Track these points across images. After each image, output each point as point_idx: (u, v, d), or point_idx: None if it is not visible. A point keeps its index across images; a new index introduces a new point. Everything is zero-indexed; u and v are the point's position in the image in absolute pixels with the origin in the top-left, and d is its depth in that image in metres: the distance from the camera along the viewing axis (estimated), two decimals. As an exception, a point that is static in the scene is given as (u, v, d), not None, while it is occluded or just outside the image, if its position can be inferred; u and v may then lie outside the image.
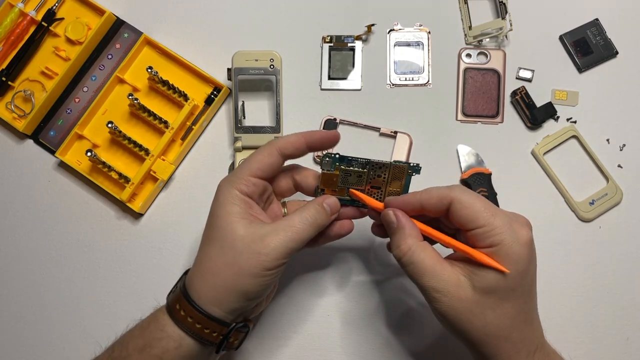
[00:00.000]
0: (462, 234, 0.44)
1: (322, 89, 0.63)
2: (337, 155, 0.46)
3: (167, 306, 0.44)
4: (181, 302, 0.43)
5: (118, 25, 0.64)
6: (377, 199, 0.48)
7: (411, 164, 0.47)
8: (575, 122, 0.61)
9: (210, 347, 0.44)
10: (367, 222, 0.50)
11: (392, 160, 0.47)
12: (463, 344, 0.43)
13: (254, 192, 0.46)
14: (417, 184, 0.47)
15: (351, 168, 0.47)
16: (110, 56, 0.64)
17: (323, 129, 0.61)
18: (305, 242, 0.44)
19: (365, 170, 0.47)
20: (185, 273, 0.47)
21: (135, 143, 0.61)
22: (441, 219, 0.46)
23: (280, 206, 0.51)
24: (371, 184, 0.48)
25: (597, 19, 0.63)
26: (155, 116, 0.61)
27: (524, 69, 0.62)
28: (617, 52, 0.62)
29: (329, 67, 0.63)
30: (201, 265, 0.44)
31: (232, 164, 0.61)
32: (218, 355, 0.46)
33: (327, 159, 0.46)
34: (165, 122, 0.61)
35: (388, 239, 0.47)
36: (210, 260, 0.43)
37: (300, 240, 0.44)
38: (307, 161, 0.61)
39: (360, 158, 0.47)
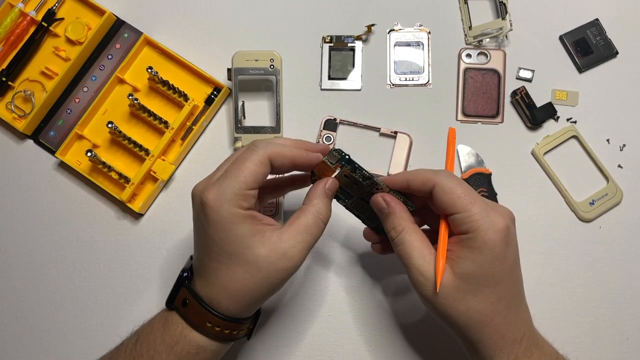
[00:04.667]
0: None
1: (322, 89, 0.63)
2: (347, 157, 0.46)
3: (191, 324, 0.44)
4: (212, 320, 0.43)
5: (118, 25, 0.64)
6: (360, 212, 0.50)
7: (408, 202, 0.47)
8: (575, 122, 0.61)
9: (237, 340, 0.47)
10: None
11: (392, 191, 0.47)
12: (450, 330, 0.44)
13: (253, 204, 0.44)
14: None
15: (353, 174, 0.47)
16: (110, 56, 0.64)
17: (323, 129, 0.61)
18: (318, 238, 0.45)
19: (364, 183, 0.47)
20: (183, 279, 0.46)
21: (135, 143, 0.61)
22: (428, 202, 0.46)
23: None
24: (362, 197, 0.48)
25: (597, 19, 0.63)
26: (155, 116, 0.61)
27: (524, 69, 0.62)
28: (617, 52, 0.62)
29: (329, 67, 0.63)
30: (227, 287, 0.43)
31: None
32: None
33: (335, 153, 0.46)
34: (166, 122, 0.61)
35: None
36: (238, 283, 0.43)
37: (315, 240, 0.45)
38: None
39: (365, 170, 0.46)
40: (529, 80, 0.62)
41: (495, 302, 0.42)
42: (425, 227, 0.50)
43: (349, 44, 0.63)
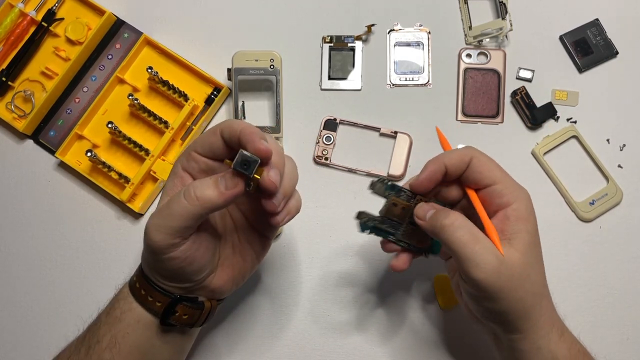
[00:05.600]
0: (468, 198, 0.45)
1: (322, 89, 0.63)
2: (390, 182, 0.45)
3: (129, 285, 0.47)
4: (137, 270, 0.46)
5: (118, 25, 0.64)
6: (410, 238, 0.46)
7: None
8: (575, 122, 0.61)
9: (155, 318, 0.45)
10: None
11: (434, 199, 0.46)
12: (490, 324, 0.44)
13: (193, 168, 0.43)
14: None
15: (399, 199, 0.45)
16: (110, 56, 0.64)
17: (323, 129, 0.61)
18: (192, 221, 0.40)
19: (411, 203, 0.45)
20: None
21: (135, 143, 0.61)
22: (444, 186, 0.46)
23: None
24: (410, 221, 0.46)
25: (597, 19, 0.63)
26: (155, 116, 0.61)
27: (524, 69, 0.62)
28: (617, 52, 0.62)
29: (329, 67, 0.63)
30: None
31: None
32: (185, 337, 0.48)
33: (379, 184, 0.44)
34: (166, 122, 0.61)
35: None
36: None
37: (180, 221, 0.40)
38: (308, 162, 0.61)
39: (407, 190, 0.45)
40: (529, 80, 0.62)
41: (544, 272, 0.43)
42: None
43: (349, 44, 0.63)
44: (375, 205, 0.60)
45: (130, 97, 0.60)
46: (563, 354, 0.43)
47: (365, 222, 0.46)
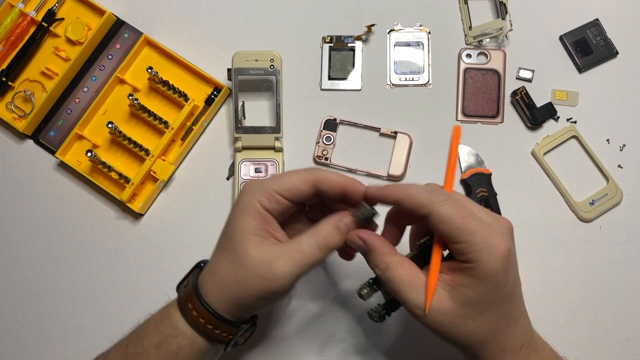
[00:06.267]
0: None
1: (322, 89, 0.63)
2: (371, 281, 0.45)
3: (178, 302, 0.45)
4: (193, 302, 0.43)
5: (118, 25, 0.64)
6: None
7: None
8: (575, 122, 0.61)
9: (219, 344, 0.45)
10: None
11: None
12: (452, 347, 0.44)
13: (275, 210, 0.44)
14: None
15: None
16: (110, 56, 0.64)
17: (323, 129, 0.61)
18: (315, 266, 0.43)
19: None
20: (197, 266, 0.47)
21: (135, 143, 0.61)
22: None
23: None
24: None
25: (597, 19, 0.63)
26: (155, 116, 0.61)
27: (524, 69, 0.62)
28: (617, 52, 0.62)
29: (329, 67, 0.63)
30: (214, 272, 0.44)
31: (232, 164, 0.61)
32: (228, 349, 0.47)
33: (366, 289, 0.45)
34: (166, 123, 0.61)
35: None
36: (223, 271, 0.43)
37: (308, 265, 0.43)
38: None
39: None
40: (529, 80, 0.62)
41: (496, 322, 0.41)
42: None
43: (349, 44, 0.63)
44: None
45: (130, 97, 0.60)
46: None
47: (382, 315, 0.46)
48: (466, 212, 0.40)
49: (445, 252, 0.43)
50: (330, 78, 0.63)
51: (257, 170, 0.60)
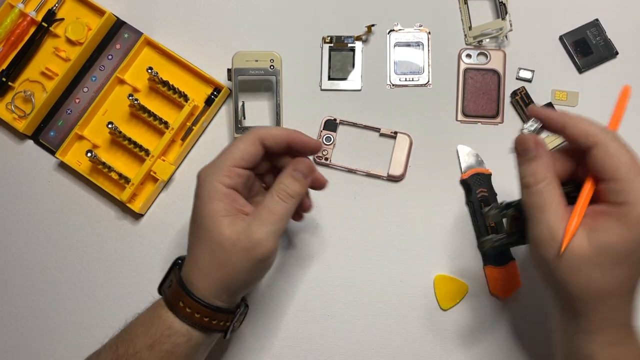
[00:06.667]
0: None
1: (322, 89, 0.63)
2: (504, 204, 0.45)
3: (167, 303, 0.45)
4: (184, 299, 0.44)
5: (118, 25, 0.64)
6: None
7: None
8: (575, 122, 0.61)
9: (216, 334, 0.46)
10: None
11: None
12: (551, 291, 0.42)
13: (238, 184, 0.45)
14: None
15: (518, 212, 0.44)
16: (110, 57, 0.64)
17: (323, 129, 0.61)
18: (287, 218, 0.45)
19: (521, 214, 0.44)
20: (175, 265, 0.47)
21: (135, 143, 0.61)
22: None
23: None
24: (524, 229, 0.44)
25: (597, 19, 0.63)
26: (155, 117, 0.61)
27: (524, 69, 0.62)
28: (617, 53, 0.62)
29: (329, 67, 0.63)
30: (197, 265, 0.44)
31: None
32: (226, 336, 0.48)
33: (493, 210, 0.45)
34: (166, 123, 0.61)
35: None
36: (205, 261, 0.44)
37: (280, 220, 0.44)
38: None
39: (518, 201, 0.43)
40: (529, 81, 0.62)
41: (622, 282, 0.38)
42: None
43: (349, 44, 0.63)
44: (373, 206, 0.60)
45: (130, 98, 0.60)
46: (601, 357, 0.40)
47: (498, 246, 0.46)
48: (633, 153, 0.39)
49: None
50: (330, 78, 0.63)
51: (257, 171, 0.60)
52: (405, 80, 0.63)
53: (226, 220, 0.43)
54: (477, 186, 0.59)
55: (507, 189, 0.60)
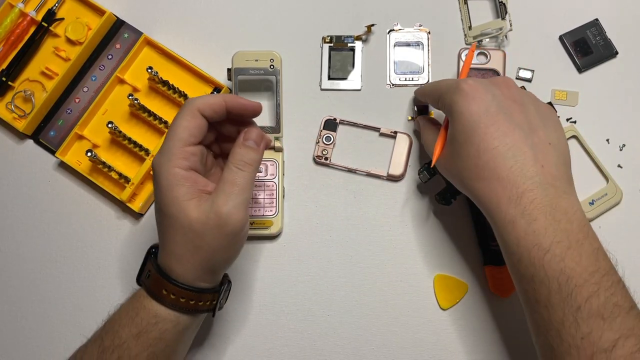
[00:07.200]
0: None
1: (322, 89, 0.63)
2: (425, 165, 0.56)
3: (149, 292, 0.45)
4: (167, 286, 0.44)
5: (118, 25, 0.64)
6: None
7: None
8: (575, 122, 0.61)
9: (203, 314, 0.47)
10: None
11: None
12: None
13: (195, 162, 0.45)
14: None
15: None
16: (110, 56, 0.64)
17: (323, 129, 0.61)
18: (249, 187, 0.45)
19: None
20: (149, 254, 0.47)
21: (135, 143, 0.61)
22: None
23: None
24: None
25: (597, 19, 0.63)
26: (155, 116, 0.61)
27: (524, 69, 0.62)
28: (617, 52, 0.62)
29: (329, 67, 0.63)
30: (173, 252, 0.44)
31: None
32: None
33: (422, 173, 0.57)
34: (166, 122, 0.61)
35: None
36: (179, 246, 0.44)
37: (243, 190, 0.44)
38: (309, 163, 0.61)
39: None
40: (529, 80, 0.62)
41: (477, 157, 0.45)
42: None
43: (349, 44, 0.63)
44: (373, 206, 0.60)
45: (130, 97, 0.60)
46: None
47: (448, 198, 0.56)
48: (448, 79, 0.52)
49: None
50: (330, 78, 0.63)
51: (257, 170, 0.60)
52: (405, 80, 0.63)
53: (191, 204, 0.43)
54: (477, 186, 0.59)
55: (507, 188, 0.60)
